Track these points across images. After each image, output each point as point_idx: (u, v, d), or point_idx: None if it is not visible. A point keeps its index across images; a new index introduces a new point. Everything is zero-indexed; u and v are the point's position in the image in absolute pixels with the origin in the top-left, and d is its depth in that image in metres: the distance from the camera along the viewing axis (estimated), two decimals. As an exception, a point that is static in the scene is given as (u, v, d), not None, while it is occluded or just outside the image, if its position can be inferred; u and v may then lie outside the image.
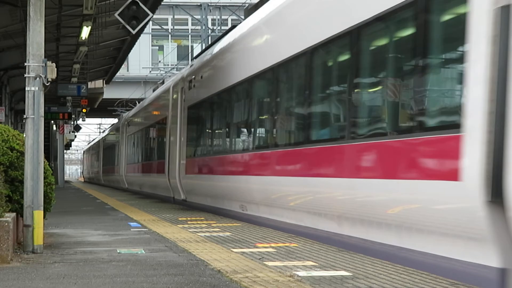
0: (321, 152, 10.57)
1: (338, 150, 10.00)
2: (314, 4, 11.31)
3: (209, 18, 49.67)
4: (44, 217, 9.59)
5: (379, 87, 9.28)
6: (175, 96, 22.22)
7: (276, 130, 12.98)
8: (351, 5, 9.89)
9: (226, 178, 15.88)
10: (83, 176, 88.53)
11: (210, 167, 17.47)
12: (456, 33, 7.31)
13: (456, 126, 7.07)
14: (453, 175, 7.13)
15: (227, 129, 16.57)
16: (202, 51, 21.58)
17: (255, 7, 16.01)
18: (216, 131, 17.57)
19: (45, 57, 9.51)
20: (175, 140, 21.66)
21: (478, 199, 6.68)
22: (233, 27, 18.27)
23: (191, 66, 21.26)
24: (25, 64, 9.46)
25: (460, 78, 7.18)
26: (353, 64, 9.75)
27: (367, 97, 9.62)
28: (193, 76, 19.87)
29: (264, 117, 13.97)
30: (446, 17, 7.87)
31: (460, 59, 7.21)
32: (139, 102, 39.51)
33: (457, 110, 7.13)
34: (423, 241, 7.79)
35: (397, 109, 8.65)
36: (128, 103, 55.67)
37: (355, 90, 9.70)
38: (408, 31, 8.43)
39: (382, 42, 9.36)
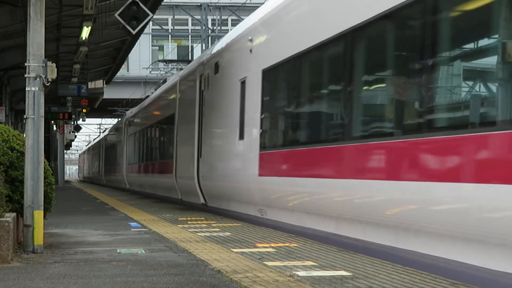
0: (158, 164, 25.84)
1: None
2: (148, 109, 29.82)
3: (209, 18, 49.66)
4: (44, 217, 9.60)
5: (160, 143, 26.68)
6: (124, 127, 37.67)
7: (145, 153, 29.24)
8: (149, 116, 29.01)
9: (141, 175, 30.30)
10: (78, 176, 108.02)
11: (135, 169, 32.31)
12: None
13: (172, 157, 21.87)
14: (170, 172, 21.99)
15: (138, 151, 31.43)
16: (141, 101, 37.45)
17: (163, 82, 31.81)
18: (136, 150, 32.43)
19: (45, 57, 9.52)
20: (124, 152, 36.73)
21: (175, 179, 21.38)
22: (147, 96, 36.38)
23: (131, 112, 37.02)
24: (25, 64, 9.46)
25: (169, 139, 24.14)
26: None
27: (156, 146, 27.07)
28: (130, 119, 35.35)
29: (146, 150, 29.15)
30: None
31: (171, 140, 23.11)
32: (139, 103, 40.00)
33: (172, 153, 21.85)
34: (160, 192, 25.66)
35: (157, 151, 26.36)
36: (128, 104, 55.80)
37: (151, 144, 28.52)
38: (161, 131, 26.06)
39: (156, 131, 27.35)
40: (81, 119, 53.00)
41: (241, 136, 14.31)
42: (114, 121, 64.45)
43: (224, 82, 16.02)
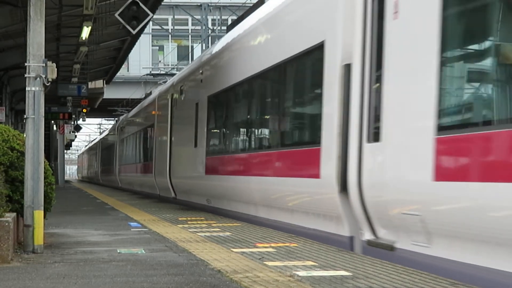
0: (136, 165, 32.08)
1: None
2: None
3: (209, 18, 49.66)
4: (44, 217, 9.60)
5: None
6: (116, 132, 42.85)
7: (133, 156, 33.79)
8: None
9: (130, 175, 35.09)
10: (78, 176, 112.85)
11: (125, 170, 37.24)
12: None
13: (152, 160, 26.68)
14: (151, 172, 26.52)
15: (128, 153, 36.30)
16: (130, 111, 41.58)
17: (146, 96, 36.93)
18: (126, 153, 37.46)
19: (45, 57, 9.51)
20: (117, 155, 41.62)
21: (154, 177, 26.17)
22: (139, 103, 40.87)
23: (123, 118, 42.34)
24: (26, 64, 9.46)
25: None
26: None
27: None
28: (121, 125, 40.59)
29: (133, 153, 33.88)
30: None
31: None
32: (138, 103, 40.15)
33: (152, 156, 26.68)
34: (144, 188, 30.16)
35: (142, 154, 30.93)
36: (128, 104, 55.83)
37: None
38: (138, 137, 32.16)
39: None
40: (81, 119, 53.04)
41: (195, 145, 19.25)
42: (113, 121, 64.77)
43: (186, 103, 20.98)
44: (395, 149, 8.49)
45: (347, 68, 9.75)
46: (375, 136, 8.95)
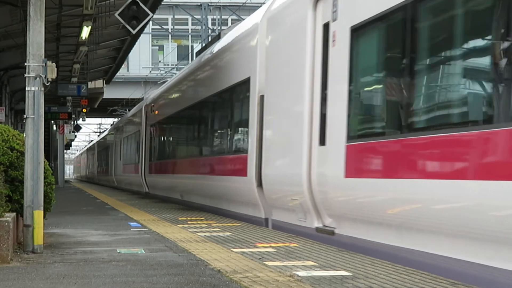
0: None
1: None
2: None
3: (209, 18, 49.68)
4: (44, 217, 9.59)
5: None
6: (96, 146, 60.89)
7: (105, 164, 52.74)
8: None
9: (102, 175, 53.60)
10: (74, 175, 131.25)
11: (100, 171, 56.71)
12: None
13: (112, 165, 46.81)
14: (108, 172, 50.44)
15: (100, 161, 56.34)
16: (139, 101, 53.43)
17: (123, 121, 45.86)
18: (100, 161, 56.36)
19: (45, 57, 9.50)
20: (96, 161, 60.79)
21: (113, 176, 45.79)
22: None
23: (98, 139, 62.24)
24: (25, 64, 9.45)
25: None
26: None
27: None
28: (99, 142, 58.78)
29: (105, 161, 51.61)
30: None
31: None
32: (138, 103, 40.58)
33: (112, 164, 46.56)
34: (107, 183, 53.45)
35: (111, 161, 48.37)
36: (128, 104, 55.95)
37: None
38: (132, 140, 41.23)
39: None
40: (81, 119, 53.06)
41: (120, 159, 38.13)
42: (114, 120, 65.34)
43: (116, 140, 41.07)
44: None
45: None
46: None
